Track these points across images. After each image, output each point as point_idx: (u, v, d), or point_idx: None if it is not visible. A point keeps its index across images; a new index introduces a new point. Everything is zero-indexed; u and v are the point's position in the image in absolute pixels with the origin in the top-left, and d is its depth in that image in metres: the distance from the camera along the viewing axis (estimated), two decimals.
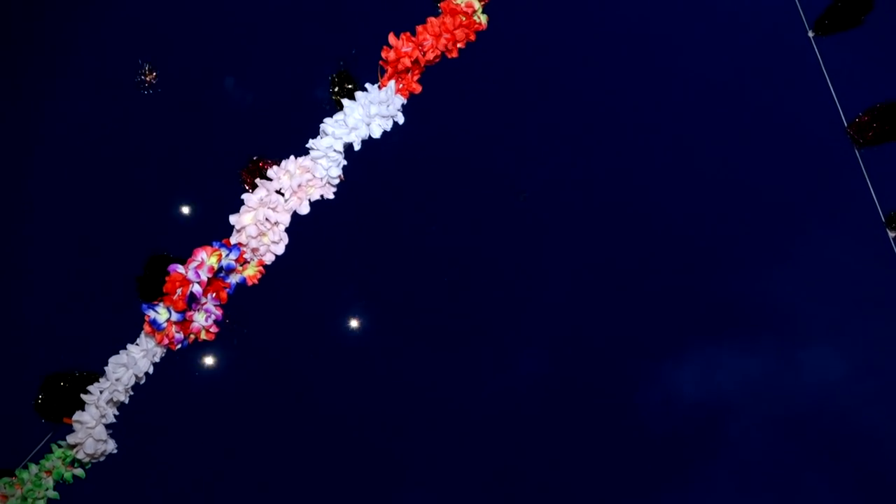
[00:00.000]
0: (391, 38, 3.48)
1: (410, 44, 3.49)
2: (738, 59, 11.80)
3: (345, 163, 3.42)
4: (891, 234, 4.15)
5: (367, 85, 3.48)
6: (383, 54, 3.50)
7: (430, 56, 3.55)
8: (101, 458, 3.24)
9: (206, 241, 3.20)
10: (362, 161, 3.53)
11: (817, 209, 11.81)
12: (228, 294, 3.27)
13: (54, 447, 3.22)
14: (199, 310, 3.20)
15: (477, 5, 3.67)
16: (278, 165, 3.35)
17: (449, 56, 3.61)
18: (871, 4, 4.37)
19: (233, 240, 3.27)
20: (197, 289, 3.09)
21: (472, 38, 3.66)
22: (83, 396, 3.14)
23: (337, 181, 3.43)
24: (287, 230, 3.34)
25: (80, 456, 3.17)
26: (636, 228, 11.69)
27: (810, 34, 4.55)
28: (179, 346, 3.22)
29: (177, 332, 3.16)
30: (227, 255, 3.19)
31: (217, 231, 3.29)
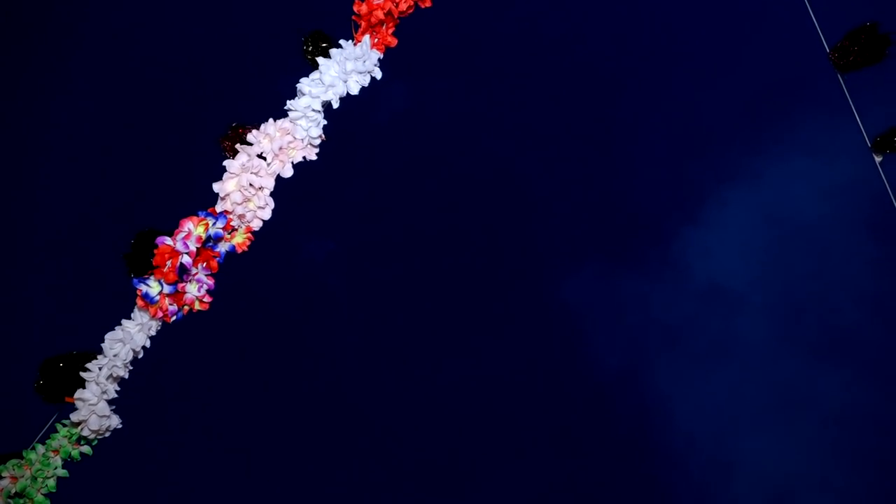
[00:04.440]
0: None
1: None
2: None
3: (324, 122, 3.38)
4: (877, 159, 4.14)
5: (342, 41, 3.41)
6: (355, 8, 3.42)
7: (403, 7, 3.46)
8: (107, 434, 3.27)
9: (191, 212, 3.18)
10: (345, 120, 3.48)
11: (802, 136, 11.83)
12: (218, 263, 3.26)
13: (59, 426, 3.24)
14: (190, 280, 3.20)
15: None
16: (258, 129, 3.31)
17: (422, 5, 3.53)
18: None
19: (218, 208, 3.25)
20: (186, 259, 3.08)
21: None
22: (83, 374, 3.15)
23: (318, 141, 3.39)
24: (272, 194, 3.32)
25: (85, 433, 3.20)
26: None
27: None
28: (174, 317, 3.23)
29: (170, 304, 3.16)
30: (214, 224, 3.18)
31: (202, 201, 3.27)
